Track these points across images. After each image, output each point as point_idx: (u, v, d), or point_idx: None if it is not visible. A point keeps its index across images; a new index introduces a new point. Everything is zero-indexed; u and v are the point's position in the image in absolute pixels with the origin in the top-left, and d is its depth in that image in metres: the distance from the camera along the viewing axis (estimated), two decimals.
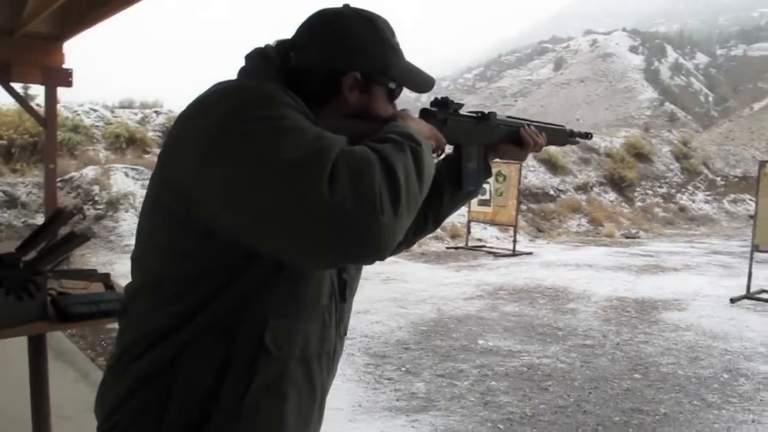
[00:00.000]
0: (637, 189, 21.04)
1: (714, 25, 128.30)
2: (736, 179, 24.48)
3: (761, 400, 4.59)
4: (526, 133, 1.48)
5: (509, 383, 4.78)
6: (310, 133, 0.94)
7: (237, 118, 0.95)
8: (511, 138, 1.48)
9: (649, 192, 21.35)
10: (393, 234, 0.91)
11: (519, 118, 1.51)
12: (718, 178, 24.14)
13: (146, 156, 13.78)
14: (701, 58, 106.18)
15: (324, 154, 0.91)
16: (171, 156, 1.05)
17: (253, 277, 1.04)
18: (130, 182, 11.83)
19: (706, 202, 22.32)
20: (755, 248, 8.13)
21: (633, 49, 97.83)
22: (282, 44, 1.16)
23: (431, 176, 1.05)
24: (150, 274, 1.10)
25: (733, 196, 23.37)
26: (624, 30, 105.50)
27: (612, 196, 19.99)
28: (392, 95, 1.20)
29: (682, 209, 21.18)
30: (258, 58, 1.14)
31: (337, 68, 1.11)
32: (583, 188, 19.36)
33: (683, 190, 22.40)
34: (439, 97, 1.33)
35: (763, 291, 8.30)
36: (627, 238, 16.55)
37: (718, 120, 76.67)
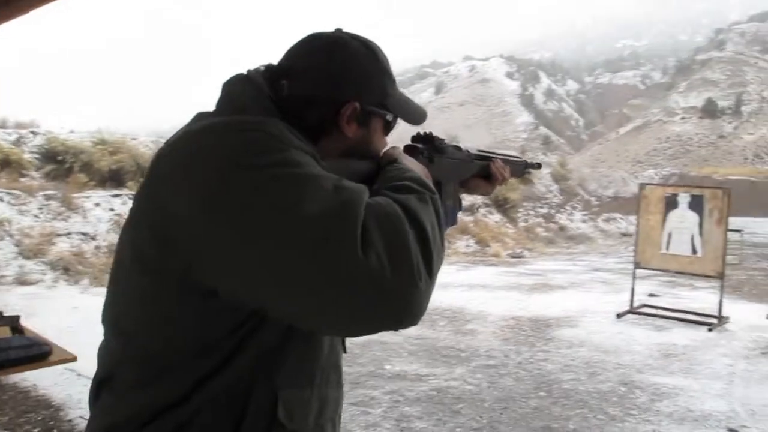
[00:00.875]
0: (520, 210, 21.93)
1: (582, 54, 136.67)
2: (609, 199, 26.13)
3: (657, 410, 4.83)
4: (496, 168, 1.44)
5: (422, 408, 4.79)
6: (328, 181, 0.83)
7: (242, 164, 0.82)
8: (482, 173, 1.43)
9: (531, 213, 22.30)
10: (428, 298, 0.84)
11: (486, 151, 1.48)
12: (593, 198, 25.65)
13: (23, 180, 12.91)
14: (572, 85, 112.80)
15: (351, 209, 0.80)
16: (159, 205, 0.88)
17: (261, 340, 0.90)
18: (4, 207, 11.01)
19: (583, 221, 23.57)
20: (637, 265, 8.62)
21: (509, 75, 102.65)
22: (271, 70, 1.02)
23: None
24: (138, 342, 0.92)
25: (606, 215, 24.84)
26: (501, 56, 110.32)
27: (497, 216, 20.69)
28: (389, 128, 1.11)
29: (562, 228, 22.25)
30: (244, 87, 0.99)
31: (337, 98, 1.00)
32: (470, 209, 19.92)
33: (562, 210, 23.56)
34: (421, 132, 1.26)
35: (645, 305, 8.80)
36: (513, 257, 17.14)
37: (587, 143, 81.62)
